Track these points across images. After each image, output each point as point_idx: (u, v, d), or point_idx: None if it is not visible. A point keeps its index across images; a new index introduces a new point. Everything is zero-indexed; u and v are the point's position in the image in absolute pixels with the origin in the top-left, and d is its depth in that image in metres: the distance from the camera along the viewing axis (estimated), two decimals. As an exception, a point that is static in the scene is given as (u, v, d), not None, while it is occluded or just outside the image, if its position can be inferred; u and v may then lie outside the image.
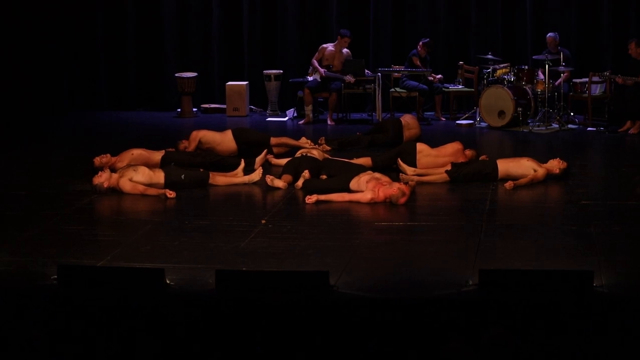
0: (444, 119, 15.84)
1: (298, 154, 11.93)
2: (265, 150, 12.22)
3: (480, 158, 11.91)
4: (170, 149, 12.33)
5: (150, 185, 10.85)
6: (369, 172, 10.96)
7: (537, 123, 14.84)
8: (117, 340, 7.34)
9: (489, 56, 15.54)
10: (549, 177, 11.22)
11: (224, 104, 16.45)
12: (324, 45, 15.83)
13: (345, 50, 15.76)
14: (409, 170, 11.50)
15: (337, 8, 16.61)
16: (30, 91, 16.52)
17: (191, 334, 7.32)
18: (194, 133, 12.72)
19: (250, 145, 12.66)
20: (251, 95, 16.58)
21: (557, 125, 14.79)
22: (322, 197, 10.43)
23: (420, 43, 15.65)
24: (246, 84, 16.47)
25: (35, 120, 15.96)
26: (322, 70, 15.61)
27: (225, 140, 12.73)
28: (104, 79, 17.01)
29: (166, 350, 7.32)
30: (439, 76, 15.95)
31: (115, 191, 10.79)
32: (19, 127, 15.43)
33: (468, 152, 11.95)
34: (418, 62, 15.67)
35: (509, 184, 10.95)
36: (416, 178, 11.25)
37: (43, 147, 13.91)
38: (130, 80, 17.02)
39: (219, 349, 7.29)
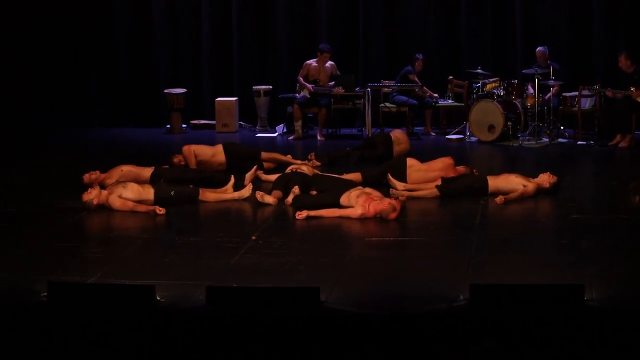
0: (433, 134, 15.84)
1: (288, 170, 11.92)
2: (255, 166, 12.19)
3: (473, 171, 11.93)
4: (164, 166, 12.30)
5: (139, 201, 10.81)
6: (359, 187, 10.94)
7: (527, 137, 14.85)
8: (107, 358, 7.30)
9: (479, 70, 15.54)
10: (540, 191, 11.22)
11: (214, 120, 16.44)
12: (308, 62, 15.82)
13: (329, 63, 15.76)
14: (399, 185, 11.48)
15: (326, 23, 16.62)
16: (22, 107, 16.52)
17: (182, 351, 7.29)
18: (187, 148, 12.70)
19: (240, 159, 12.65)
20: (241, 111, 16.57)
21: (547, 139, 14.81)
22: (313, 212, 10.40)
23: (418, 58, 15.67)
24: (235, 100, 16.47)
25: (25, 136, 15.92)
26: (309, 86, 15.61)
27: (215, 153, 12.74)
28: (95, 95, 16.98)
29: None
30: (435, 95, 15.94)
31: (104, 208, 10.75)
32: (8, 143, 15.39)
33: (461, 169, 11.92)
34: (415, 79, 15.66)
35: (499, 199, 10.95)
36: (406, 193, 11.24)
37: (33, 164, 13.86)
38: (121, 96, 16.98)
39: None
